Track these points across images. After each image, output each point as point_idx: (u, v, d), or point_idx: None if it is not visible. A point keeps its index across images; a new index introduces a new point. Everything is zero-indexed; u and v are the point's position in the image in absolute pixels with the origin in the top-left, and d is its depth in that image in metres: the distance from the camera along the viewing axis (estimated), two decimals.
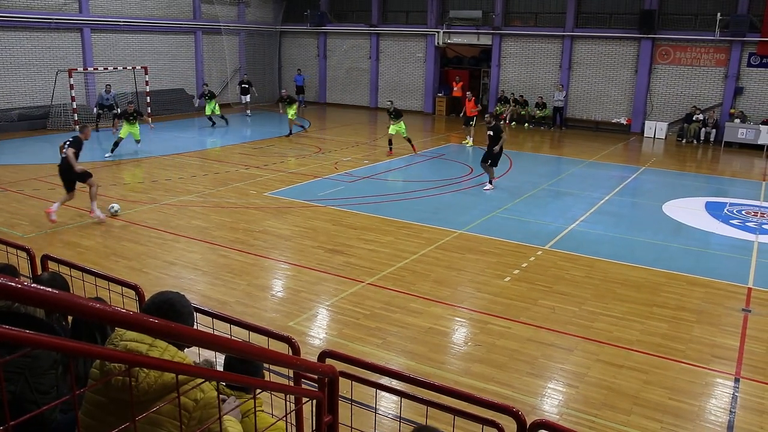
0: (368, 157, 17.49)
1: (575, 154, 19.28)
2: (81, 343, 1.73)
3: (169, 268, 8.93)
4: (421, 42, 27.62)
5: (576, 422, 5.34)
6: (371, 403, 5.00)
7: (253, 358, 2.74)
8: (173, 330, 1.85)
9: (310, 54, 30.96)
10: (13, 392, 2.72)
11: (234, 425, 2.59)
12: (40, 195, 12.60)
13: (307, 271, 8.87)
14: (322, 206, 12.16)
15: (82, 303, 1.55)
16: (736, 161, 19.45)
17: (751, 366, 6.45)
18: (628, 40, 23.23)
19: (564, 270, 9.09)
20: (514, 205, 12.64)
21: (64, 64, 21.48)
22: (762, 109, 21.44)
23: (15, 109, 20.52)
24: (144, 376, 2.23)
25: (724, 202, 13.67)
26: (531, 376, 6.15)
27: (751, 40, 21.04)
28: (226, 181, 14.18)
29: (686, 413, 5.57)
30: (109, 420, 2.24)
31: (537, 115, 24.80)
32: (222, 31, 27.76)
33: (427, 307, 7.71)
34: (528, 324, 7.27)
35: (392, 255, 9.51)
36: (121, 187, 13.63)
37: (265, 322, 7.00)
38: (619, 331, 7.16)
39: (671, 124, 22.97)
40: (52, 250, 7.42)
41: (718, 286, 8.69)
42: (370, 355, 6.37)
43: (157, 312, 2.49)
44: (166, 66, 25.52)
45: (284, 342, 3.46)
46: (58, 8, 21.62)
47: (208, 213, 11.63)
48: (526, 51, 25.45)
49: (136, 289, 4.17)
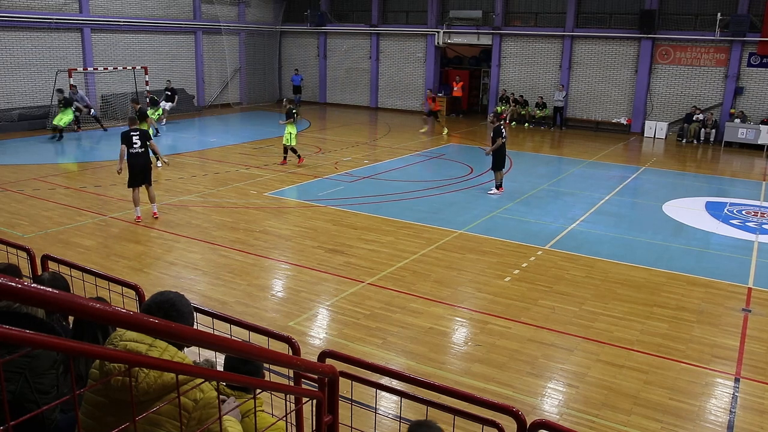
0: (368, 157, 17.49)
1: (575, 154, 19.28)
2: (81, 343, 1.73)
3: (170, 268, 8.93)
4: (421, 42, 27.62)
5: (576, 422, 5.34)
6: (371, 403, 5.01)
7: (253, 358, 2.74)
8: (173, 330, 1.85)
9: (310, 54, 30.96)
10: (13, 392, 2.71)
11: (234, 425, 2.59)
12: (41, 195, 12.60)
13: (307, 271, 8.87)
14: (323, 206, 12.16)
15: (83, 303, 1.55)
16: (737, 161, 19.45)
17: (751, 366, 6.45)
18: (629, 40, 23.23)
19: (564, 270, 9.09)
20: (515, 205, 12.64)
21: (64, 64, 21.49)
22: (762, 109, 21.44)
23: (15, 109, 20.52)
24: (144, 376, 2.22)
25: (725, 202, 13.67)
26: (531, 376, 6.15)
27: (752, 40, 21.04)
28: (226, 181, 14.18)
29: (686, 413, 5.57)
30: (109, 420, 2.24)
31: (537, 115, 24.80)
32: (222, 31, 27.77)
33: (428, 307, 7.71)
34: (528, 324, 7.27)
35: (392, 255, 9.51)
36: (122, 187, 13.62)
37: (265, 322, 7.00)
38: (620, 331, 7.16)
39: (671, 124, 22.97)
40: (53, 250, 7.42)
41: (718, 286, 8.69)
42: (371, 355, 6.37)
43: (157, 312, 2.49)
44: (166, 66, 25.51)
45: (284, 342, 3.45)
46: (58, 8, 21.63)
47: (209, 213, 11.63)
48: (526, 51, 25.45)
49: (136, 289, 4.17)
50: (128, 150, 10.46)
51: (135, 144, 10.46)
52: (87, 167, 15.80)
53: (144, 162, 10.64)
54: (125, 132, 10.54)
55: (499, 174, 13.53)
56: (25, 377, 2.76)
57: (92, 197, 12.54)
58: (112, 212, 11.47)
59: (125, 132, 10.54)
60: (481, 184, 14.34)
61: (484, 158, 16.67)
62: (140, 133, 10.58)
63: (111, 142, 17.44)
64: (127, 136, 10.45)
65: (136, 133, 10.53)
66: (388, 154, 18.12)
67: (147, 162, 10.73)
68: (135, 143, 10.46)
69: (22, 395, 2.74)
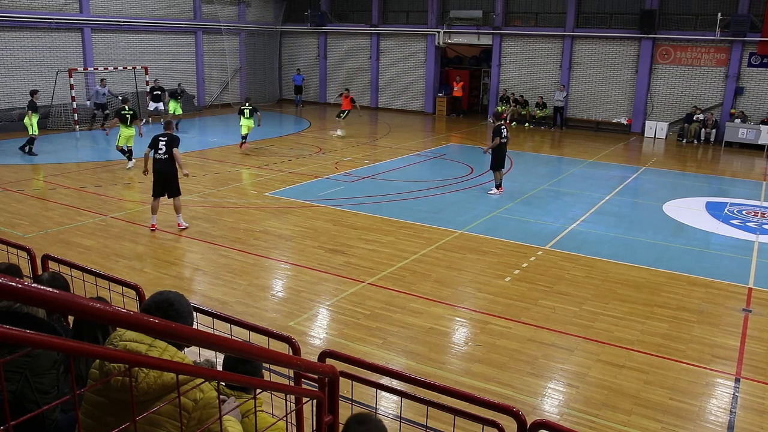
0: (369, 157, 17.49)
1: (576, 154, 19.27)
2: (81, 343, 1.73)
3: (170, 268, 8.93)
4: (422, 42, 27.62)
5: (576, 422, 5.34)
6: (372, 403, 5.00)
7: (253, 358, 2.74)
8: (173, 330, 1.85)
9: (310, 54, 30.96)
10: (13, 392, 2.72)
11: (234, 425, 2.59)
12: (41, 195, 12.61)
13: (307, 271, 8.87)
14: (323, 206, 12.16)
15: (83, 303, 1.55)
16: (737, 161, 19.45)
17: (751, 366, 6.45)
18: (629, 40, 23.22)
19: (564, 270, 9.09)
20: (515, 205, 12.64)
21: (64, 64, 21.50)
22: (762, 109, 21.43)
23: (15, 109, 20.51)
24: (143, 376, 2.22)
25: (725, 202, 13.66)
26: (531, 376, 6.15)
27: (752, 40, 21.03)
28: (226, 181, 14.19)
29: (687, 413, 5.57)
30: (109, 420, 2.24)
31: (537, 115, 24.79)
32: (222, 31, 27.77)
33: (428, 307, 7.70)
34: (528, 324, 7.27)
35: (393, 255, 9.51)
36: (122, 187, 13.63)
37: (265, 322, 7.00)
38: (620, 331, 7.16)
39: (672, 124, 22.97)
40: (53, 250, 7.42)
41: (718, 286, 8.69)
42: (371, 355, 6.37)
43: (156, 312, 2.49)
44: (167, 66, 25.52)
45: (284, 342, 3.45)
46: (58, 8, 21.63)
47: (209, 213, 11.63)
48: (526, 51, 25.45)
49: (136, 289, 4.17)
50: (154, 154, 10.01)
51: (160, 149, 9.94)
52: (94, 165, 15.79)
53: (165, 170, 10.00)
54: (156, 134, 10.16)
55: (498, 174, 13.52)
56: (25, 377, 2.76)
57: (92, 197, 12.54)
58: (113, 212, 11.47)
59: (156, 134, 10.16)
60: (481, 184, 14.34)
61: (484, 158, 16.68)
62: (168, 138, 9.98)
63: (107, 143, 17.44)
64: (154, 139, 10.04)
65: (165, 138, 9.99)
66: (388, 154, 18.12)
67: (169, 170, 10.02)
68: (160, 148, 9.94)
69: (23, 395, 2.74)
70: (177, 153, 9.98)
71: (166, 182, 10.11)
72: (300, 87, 29.42)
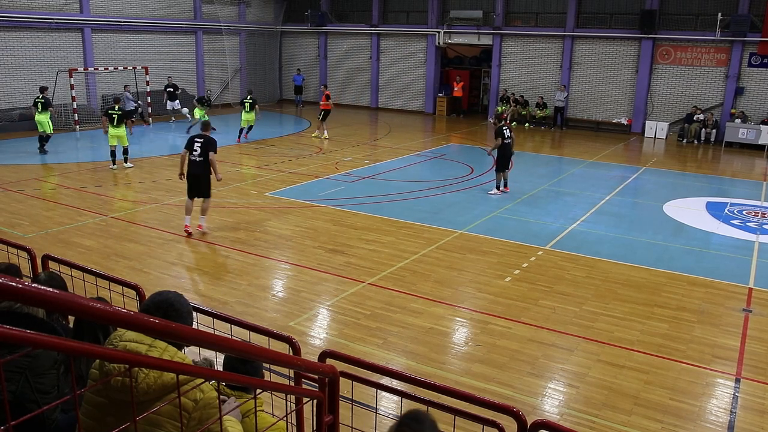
0: (369, 157, 17.49)
1: (576, 154, 19.27)
2: (81, 343, 1.73)
3: (170, 268, 8.93)
4: (422, 42, 27.62)
5: (576, 422, 5.33)
6: (372, 404, 5.01)
7: (253, 358, 2.74)
8: (173, 330, 1.85)
9: (310, 54, 30.96)
10: (13, 392, 2.72)
11: (234, 425, 2.59)
12: (41, 195, 12.61)
13: (307, 271, 8.87)
14: (323, 206, 12.16)
15: (84, 303, 1.55)
16: (737, 161, 19.45)
17: (751, 366, 6.45)
18: (629, 40, 23.22)
19: (565, 270, 9.08)
20: (515, 205, 12.64)
21: (64, 64, 21.50)
22: (762, 109, 21.42)
23: (15, 109, 20.53)
24: (143, 376, 2.22)
25: (725, 202, 13.66)
26: (532, 376, 6.14)
27: (752, 40, 21.02)
28: (226, 181, 14.15)
29: (687, 413, 5.57)
30: (109, 420, 2.24)
31: (537, 115, 24.79)
32: (222, 31, 27.77)
33: (428, 307, 7.70)
34: (529, 324, 7.27)
35: (393, 255, 9.51)
36: (122, 187, 13.64)
37: (265, 322, 7.00)
38: (620, 331, 7.16)
39: (672, 124, 22.96)
40: (53, 250, 7.43)
41: (718, 286, 8.69)
42: (371, 355, 6.37)
43: (156, 312, 2.49)
44: (167, 66, 25.52)
45: (285, 342, 3.46)
46: (58, 8, 21.63)
47: (209, 213, 11.61)
48: (526, 51, 25.45)
49: (136, 289, 4.17)
50: (189, 156, 9.85)
51: (195, 151, 9.76)
52: (100, 164, 15.80)
53: (199, 172, 9.83)
54: (192, 135, 10.03)
55: (500, 175, 13.52)
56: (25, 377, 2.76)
57: (93, 197, 12.54)
58: (113, 212, 11.47)
59: (192, 135, 10.03)
60: (481, 185, 14.34)
61: (484, 158, 16.69)
62: (204, 141, 9.79)
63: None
64: (190, 141, 9.87)
65: (201, 140, 9.80)
66: (388, 154, 18.12)
67: (203, 172, 9.86)
68: (195, 150, 9.76)
69: (23, 395, 2.74)
70: (213, 157, 9.77)
71: (199, 184, 10.01)
72: (300, 87, 29.43)
